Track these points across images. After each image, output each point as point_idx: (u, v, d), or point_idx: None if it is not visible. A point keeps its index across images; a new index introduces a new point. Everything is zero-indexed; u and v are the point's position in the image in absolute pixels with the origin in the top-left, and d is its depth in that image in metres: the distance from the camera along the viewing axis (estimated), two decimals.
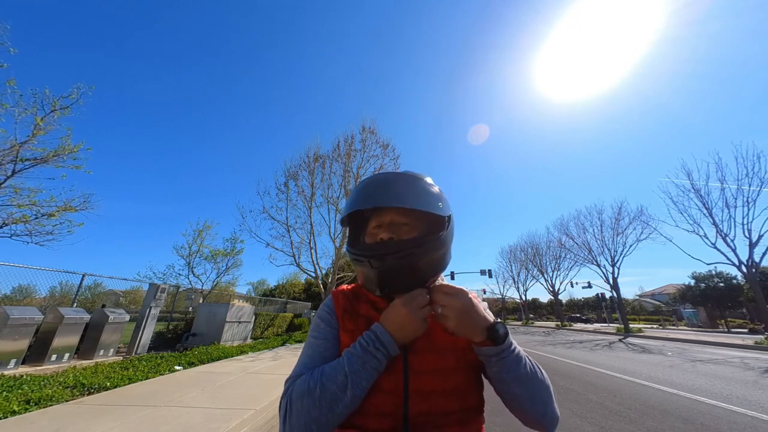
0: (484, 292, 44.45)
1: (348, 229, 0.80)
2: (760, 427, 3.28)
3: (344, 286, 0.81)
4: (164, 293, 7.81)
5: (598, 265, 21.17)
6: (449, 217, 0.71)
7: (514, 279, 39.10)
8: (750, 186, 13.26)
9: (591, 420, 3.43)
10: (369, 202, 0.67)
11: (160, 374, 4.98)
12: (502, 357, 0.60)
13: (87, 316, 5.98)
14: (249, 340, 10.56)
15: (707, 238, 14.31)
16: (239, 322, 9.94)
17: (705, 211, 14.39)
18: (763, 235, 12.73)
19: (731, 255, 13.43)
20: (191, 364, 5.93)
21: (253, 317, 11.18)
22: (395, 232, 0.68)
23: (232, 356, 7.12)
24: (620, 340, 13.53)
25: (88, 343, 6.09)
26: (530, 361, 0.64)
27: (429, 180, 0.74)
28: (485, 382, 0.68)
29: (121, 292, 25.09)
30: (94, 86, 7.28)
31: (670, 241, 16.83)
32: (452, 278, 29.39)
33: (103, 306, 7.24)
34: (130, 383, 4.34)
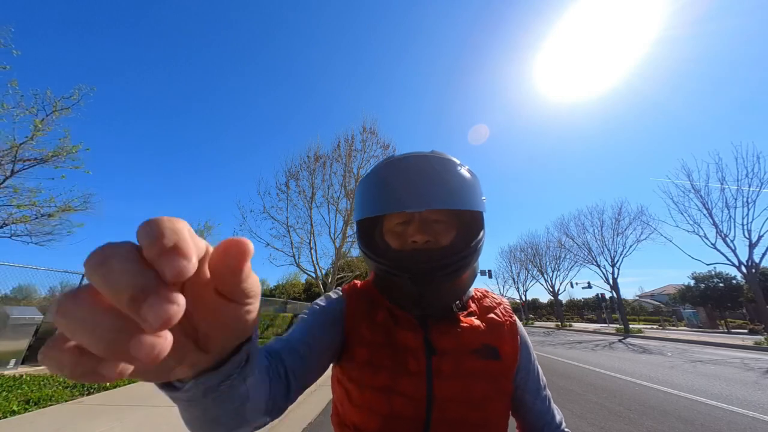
0: None
1: (356, 224, 0.63)
2: (759, 427, 3.28)
3: (356, 282, 0.66)
4: None
5: (598, 266, 21.21)
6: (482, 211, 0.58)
7: (514, 279, 39.17)
8: (750, 186, 13.31)
9: (591, 420, 3.43)
10: (398, 205, 0.52)
11: None
12: None
13: None
14: None
15: (707, 238, 14.32)
16: None
17: (705, 212, 14.43)
18: (762, 236, 12.74)
19: (731, 255, 13.43)
20: None
21: None
22: (431, 234, 0.54)
23: None
24: (620, 341, 13.52)
25: None
26: None
27: (460, 163, 0.58)
28: None
29: None
30: (95, 87, 7.31)
31: (670, 241, 16.86)
32: None
33: None
34: (129, 383, 4.33)
